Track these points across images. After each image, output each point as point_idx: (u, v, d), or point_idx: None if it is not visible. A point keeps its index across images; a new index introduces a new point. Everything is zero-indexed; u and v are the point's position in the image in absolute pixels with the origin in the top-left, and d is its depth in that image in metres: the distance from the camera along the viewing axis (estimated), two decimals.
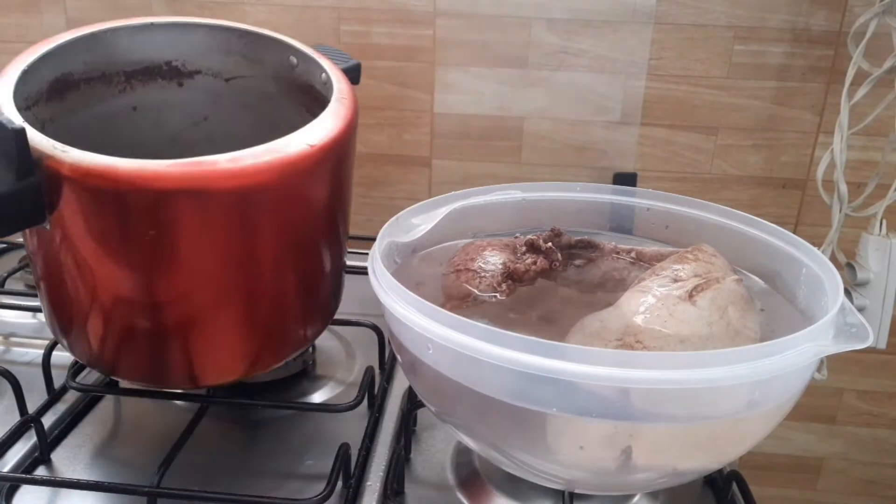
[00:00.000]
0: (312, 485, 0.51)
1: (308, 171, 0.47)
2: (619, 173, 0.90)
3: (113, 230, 0.43)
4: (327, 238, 0.53)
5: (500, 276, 0.52)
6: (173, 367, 0.50)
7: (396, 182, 0.92)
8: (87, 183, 0.41)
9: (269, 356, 0.53)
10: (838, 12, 0.82)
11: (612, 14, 0.83)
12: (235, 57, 0.61)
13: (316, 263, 0.53)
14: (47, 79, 0.52)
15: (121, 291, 0.46)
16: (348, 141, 0.50)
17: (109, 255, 0.44)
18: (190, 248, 0.45)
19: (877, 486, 1.04)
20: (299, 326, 0.54)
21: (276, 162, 0.44)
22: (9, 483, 0.50)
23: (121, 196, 0.42)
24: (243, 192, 0.44)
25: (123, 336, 0.48)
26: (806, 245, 0.51)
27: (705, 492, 0.53)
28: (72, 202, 0.42)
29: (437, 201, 0.58)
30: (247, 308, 0.49)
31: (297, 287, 0.51)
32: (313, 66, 0.57)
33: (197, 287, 0.46)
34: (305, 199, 0.48)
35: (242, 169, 0.43)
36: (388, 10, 0.85)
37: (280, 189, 0.45)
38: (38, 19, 0.89)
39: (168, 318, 0.47)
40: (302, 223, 0.49)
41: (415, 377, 0.48)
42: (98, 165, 0.41)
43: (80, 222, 0.43)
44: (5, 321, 0.71)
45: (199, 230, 0.44)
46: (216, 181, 0.42)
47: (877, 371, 0.97)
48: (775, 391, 0.40)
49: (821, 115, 0.86)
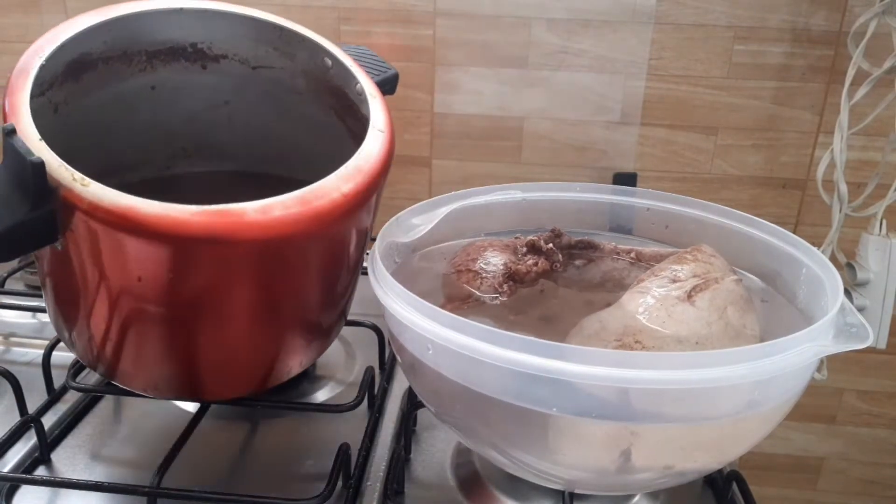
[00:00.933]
0: (312, 485, 0.51)
1: (339, 220, 0.44)
2: (619, 173, 0.90)
3: (128, 265, 0.41)
4: (349, 275, 0.51)
5: (502, 277, 0.52)
6: (176, 385, 0.50)
7: (396, 182, 0.92)
8: (106, 220, 0.39)
9: (272, 380, 0.53)
10: (838, 12, 0.82)
11: (612, 14, 0.83)
12: (266, 47, 0.58)
13: (332, 298, 0.52)
14: (64, 60, 0.50)
15: (127, 312, 0.45)
16: (383, 182, 0.47)
17: (122, 282, 0.42)
18: (208, 292, 0.43)
19: (877, 486, 1.04)
20: (302, 353, 0.54)
21: (308, 213, 0.41)
22: (9, 483, 0.50)
23: (141, 239, 0.39)
24: (270, 243, 0.41)
25: (128, 348, 0.48)
26: (806, 245, 0.51)
27: (705, 492, 0.53)
28: (86, 232, 0.40)
29: (437, 201, 0.58)
30: (256, 341, 0.48)
31: (310, 321, 0.51)
32: (349, 75, 0.55)
33: (210, 323, 0.45)
34: (333, 244, 0.46)
35: (271, 221, 0.40)
36: (388, 10, 0.85)
37: (309, 240, 0.43)
38: (38, 19, 0.89)
39: (176, 345, 0.46)
40: (326, 267, 0.47)
41: (415, 378, 0.48)
42: (119, 206, 0.39)
43: (93, 251, 0.41)
44: (5, 321, 0.71)
45: (218, 277, 0.42)
46: (243, 232, 0.40)
47: (877, 371, 0.97)
48: (775, 391, 0.40)
49: (821, 115, 0.86)
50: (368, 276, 0.47)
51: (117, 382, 0.52)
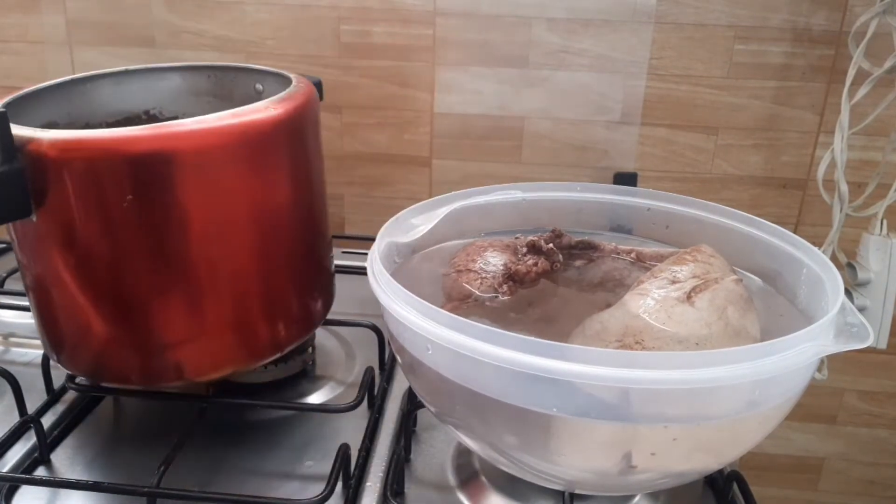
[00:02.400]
0: (312, 485, 0.51)
1: (269, 134, 0.50)
2: (619, 173, 0.89)
3: (94, 203, 0.46)
4: (301, 212, 0.55)
5: (502, 278, 0.52)
6: (159, 365, 0.51)
7: (396, 182, 0.92)
8: (67, 157, 0.45)
9: (259, 350, 0.54)
10: (839, 12, 0.81)
11: (613, 13, 0.83)
12: (206, 97, 0.66)
13: (295, 240, 0.55)
14: (35, 124, 0.55)
15: (103, 279, 0.48)
16: (308, 113, 0.54)
17: (94, 235, 0.47)
18: (163, 214, 0.47)
19: (877, 487, 1.04)
20: (299, 301, 0.56)
21: (240, 125, 0.48)
22: (9, 483, 0.50)
23: (97, 164, 0.45)
24: (209, 151, 0.47)
25: (106, 333, 0.50)
26: (806, 245, 0.51)
27: (706, 492, 0.53)
28: (55, 182, 0.46)
29: (437, 201, 0.58)
30: (232, 282, 0.51)
31: (282, 260, 0.53)
32: (275, 82, 0.60)
33: (176, 257, 0.48)
34: (270, 164, 0.51)
35: (207, 129, 0.47)
36: (388, 10, 0.85)
37: (243, 149, 0.49)
38: (38, 19, 0.89)
39: (153, 303, 0.49)
40: (271, 190, 0.51)
41: (414, 378, 0.48)
42: (75, 137, 0.46)
43: (65, 204, 0.46)
44: (5, 321, 0.71)
45: (172, 193, 0.47)
46: (183, 141, 0.46)
47: (877, 371, 0.97)
48: (775, 391, 0.40)
49: (821, 115, 0.86)
50: (368, 276, 0.47)
51: (103, 377, 0.53)
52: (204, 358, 0.52)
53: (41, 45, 0.90)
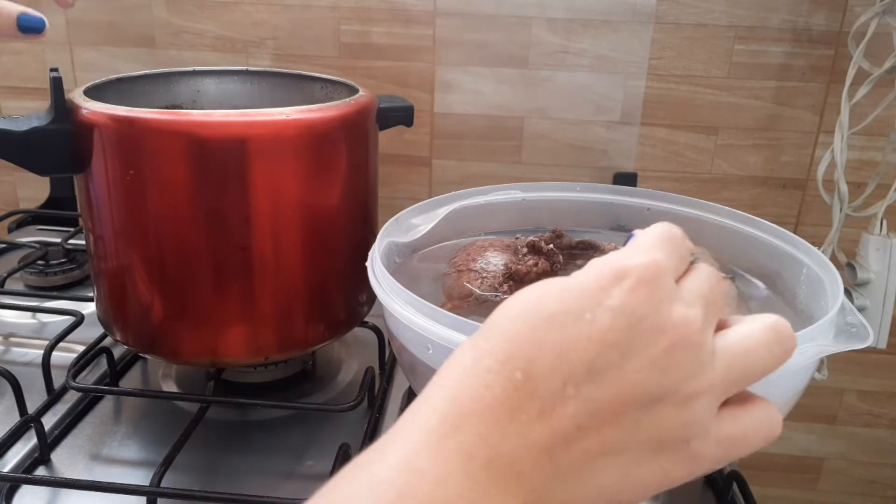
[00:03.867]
0: (312, 485, 0.51)
1: (338, 128, 0.53)
2: (619, 173, 0.89)
3: (156, 179, 0.49)
4: (357, 211, 0.57)
5: (502, 278, 0.52)
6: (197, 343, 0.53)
7: (396, 182, 0.92)
8: (112, 129, 0.48)
9: (292, 342, 0.56)
10: (838, 12, 0.82)
11: (613, 14, 0.83)
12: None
13: (348, 238, 0.57)
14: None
15: (161, 256, 0.51)
16: (370, 119, 0.57)
17: (155, 212, 0.50)
18: (228, 200, 0.50)
19: (877, 486, 1.04)
20: (346, 298, 0.58)
21: (314, 118, 0.51)
22: (9, 483, 0.50)
23: (163, 142, 0.48)
24: (278, 140, 0.50)
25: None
26: (806, 245, 0.51)
27: (706, 492, 0.53)
28: (100, 147, 0.49)
29: (437, 201, 0.58)
30: (286, 273, 0.53)
31: (333, 259, 0.56)
32: (340, 89, 0.64)
33: (235, 245, 0.51)
34: (332, 161, 0.53)
35: (281, 121, 0.50)
36: (388, 10, 0.85)
37: (312, 139, 0.52)
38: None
39: (206, 283, 0.51)
40: (330, 187, 0.54)
41: (415, 378, 0.48)
42: (119, 114, 0.48)
43: (109, 166, 0.50)
44: (5, 321, 0.71)
45: (240, 179, 0.50)
46: (255, 129, 0.49)
47: (877, 371, 0.97)
48: (775, 391, 0.40)
49: (821, 115, 0.86)
50: (368, 276, 0.47)
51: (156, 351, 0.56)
52: (247, 342, 0.54)
53: (41, 45, 0.90)
